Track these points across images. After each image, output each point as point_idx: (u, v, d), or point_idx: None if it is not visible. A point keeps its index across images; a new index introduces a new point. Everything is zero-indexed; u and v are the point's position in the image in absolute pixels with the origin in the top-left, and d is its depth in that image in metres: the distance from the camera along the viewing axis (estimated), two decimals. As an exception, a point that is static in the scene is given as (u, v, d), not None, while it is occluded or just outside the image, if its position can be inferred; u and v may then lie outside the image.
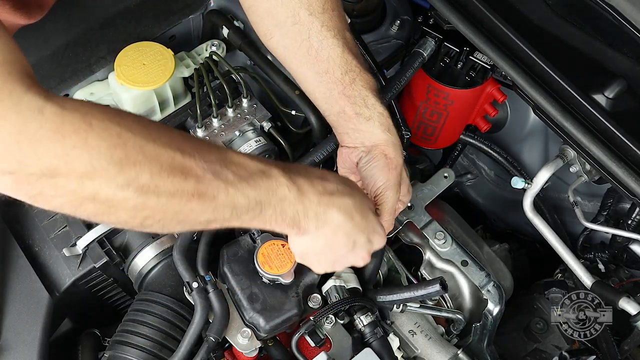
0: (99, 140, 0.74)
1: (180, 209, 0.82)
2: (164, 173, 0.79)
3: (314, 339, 1.14)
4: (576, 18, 1.26)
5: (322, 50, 1.14)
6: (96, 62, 1.42)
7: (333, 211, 0.97)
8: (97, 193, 0.76)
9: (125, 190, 0.77)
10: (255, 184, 0.88)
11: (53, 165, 0.72)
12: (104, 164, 0.75)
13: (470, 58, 1.50)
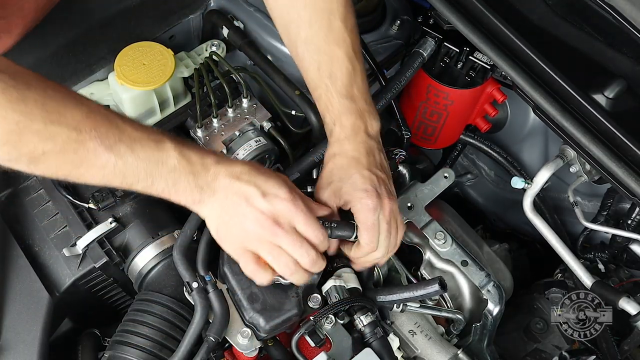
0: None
1: (70, 172, 0.97)
2: (57, 148, 0.93)
3: (314, 339, 1.14)
4: (576, 18, 1.26)
5: (304, 61, 1.20)
6: (96, 62, 1.42)
7: (221, 177, 1.02)
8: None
9: (18, 160, 0.94)
10: (145, 156, 0.98)
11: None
12: (0, 144, 0.90)
13: (470, 58, 1.50)
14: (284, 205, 1.02)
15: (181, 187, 1.01)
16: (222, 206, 1.03)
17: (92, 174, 0.97)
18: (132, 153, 0.97)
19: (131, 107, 1.39)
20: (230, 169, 1.03)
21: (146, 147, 0.98)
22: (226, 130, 1.36)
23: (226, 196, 1.02)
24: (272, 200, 1.02)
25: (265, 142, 1.36)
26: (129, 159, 0.97)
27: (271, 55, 1.54)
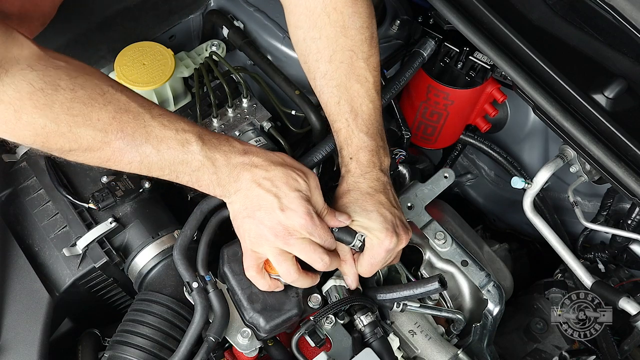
0: (24, 131, 0.94)
1: (98, 163, 1.02)
2: (83, 147, 0.98)
3: (314, 339, 1.14)
4: (576, 18, 1.26)
5: (323, 94, 1.22)
6: (96, 62, 1.42)
7: (242, 179, 1.05)
8: (25, 145, 1.08)
9: (48, 152, 1.00)
10: (170, 157, 1.02)
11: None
12: (29, 143, 0.97)
13: (470, 58, 1.50)
14: (300, 222, 1.05)
15: (204, 183, 1.06)
16: (243, 204, 1.07)
17: (119, 167, 1.03)
18: (157, 153, 1.01)
19: (131, 107, 1.39)
20: (254, 173, 1.05)
21: (172, 148, 1.02)
22: (226, 130, 1.36)
23: (247, 197, 1.06)
24: (290, 215, 1.04)
25: (265, 142, 1.36)
26: (154, 159, 1.01)
27: (271, 55, 1.54)
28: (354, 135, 1.18)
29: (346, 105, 1.19)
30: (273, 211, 1.04)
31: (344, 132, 1.19)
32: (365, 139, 1.18)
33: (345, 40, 1.20)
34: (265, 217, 1.05)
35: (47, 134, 0.95)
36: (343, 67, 1.19)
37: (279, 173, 1.06)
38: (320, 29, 1.19)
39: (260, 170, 1.05)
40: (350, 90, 1.19)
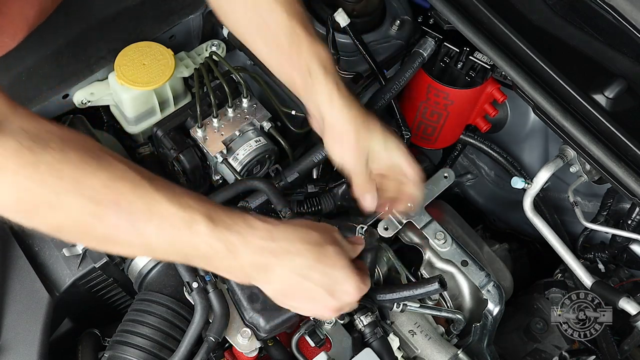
0: (7, 195, 0.82)
1: (94, 246, 0.90)
2: (70, 221, 0.84)
3: (314, 339, 1.14)
4: (576, 18, 1.26)
5: (270, 20, 1.11)
6: (96, 62, 1.42)
7: (278, 271, 0.93)
8: (9, 219, 0.85)
9: (37, 227, 0.85)
10: (175, 240, 0.88)
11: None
12: (12, 211, 0.84)
13: (470, 58, 1.50)
14: (351, 297, 0.99)
15: (221, 269, 0.94)
16: (279, 291, 0.98)
17: (118, 251, 0.90)
18: (160, 233, 0.86)
19: (131, 107, 1.39)
20: (288, 264, 0.93)
21: (177, 228, 0.87)
22: (226, 130, 1.36)
23: (285, 285, 0.96)
24: (341, 297, 0.97)
25: (265, 142, 1.37)
26: (156, 240, 0.87)
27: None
28: (318, 46, 1.10)
29: (298, 22, 1.11)
30: (323, 301, 0.97)
31: (306, 47, 1.10)
32: (327, 49, 1.11)
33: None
34: (315, 308, 1.00)
35: (31, 200, 0.81)
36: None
37: (313, 254, 0.94)
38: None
39: (292, 256, 0.93)
40: (297, 10, 1.12)
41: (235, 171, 1.33)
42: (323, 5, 1.51)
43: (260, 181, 1.24)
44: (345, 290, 0.97)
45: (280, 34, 1.10)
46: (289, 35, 1.10)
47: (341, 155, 1.12)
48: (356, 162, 1.11)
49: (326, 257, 0.95)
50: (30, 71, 1.37)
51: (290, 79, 1.14)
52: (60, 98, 1.38)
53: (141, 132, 1.45)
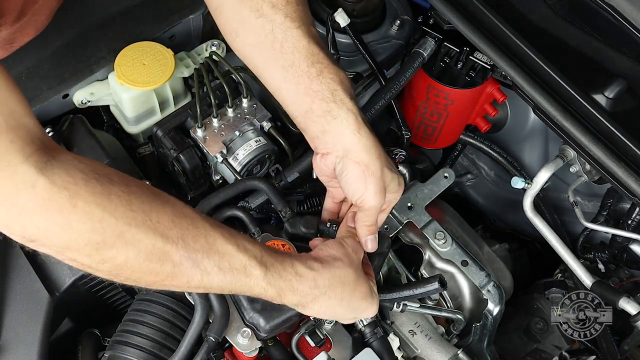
0: (79, 223, 0.79)
1: (153, 283, 0.89)
2: (141, 258, 0.84)
3: (314, 339, 1.14)
4: (576, 18, 1.26)
5: (286, 42, 1.07)
6: (96, 62, 1.42)
7: (314, 308, 1.03)
8: (74, 260, 0.84)
9: (100, 265, 0.84)
10: (232, 280, 0.93)
11: (35, 235, 0.80)
12: (82, 244, 0.80)
13: (470, 58, 1.50)
14: (371, 315, 1.13)
15: (275, 301, 1.01)
16: (312, 313, 1.06)
17: (175, 287, 0.90)
18: (219, 272, 0.90)
19: (131, 107, 1.39)
20: (326, 305, 1.03)
21: (234, 268, 0.92)
22: (226, 130, 1.36)
23: (319, 314, 1.07)
24: (362, 317, 1.15)
25: (265, 142, 1.36)
26: (215, 278, 0.91)
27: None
28: (338, 69, 1.08)
29: (316, 44, 1.08)
30: (351, 320, 1.14)
31: (327, 71, 1.07)
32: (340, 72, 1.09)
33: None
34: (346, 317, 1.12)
35: (104, 231, 0.80)
36: (300, 7, 1.10)
37: (346, 295, 1.04)
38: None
39: (330, 299, 1.02)
40: (312, 30, 1.10)
41: (235, 171, 1.33)
42: (323, 5, 1.51)
43: (260, 181, 1.24)
44: (368, 314, 1.12)
45: (298, 55, 1.06)
46: (307, 56, 1.06)
47: (362, 192, 1.07)
48: (377, 200, 1.07)
49: (354, 294, 1.06)
50: (30, 71, 1.37)
51: (306, 104, 1.07)
52: (60, 98, 1.38)
53: (141, 132, 1.45)
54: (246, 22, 1.09)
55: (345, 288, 1.04)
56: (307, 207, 1.32)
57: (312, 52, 1.06)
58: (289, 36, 1.06)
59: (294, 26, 1.07)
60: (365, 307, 1.09)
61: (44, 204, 0.77)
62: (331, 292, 1.02)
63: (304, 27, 1.08)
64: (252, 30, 1.09)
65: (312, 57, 1.06)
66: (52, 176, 0.77)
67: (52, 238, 0.80)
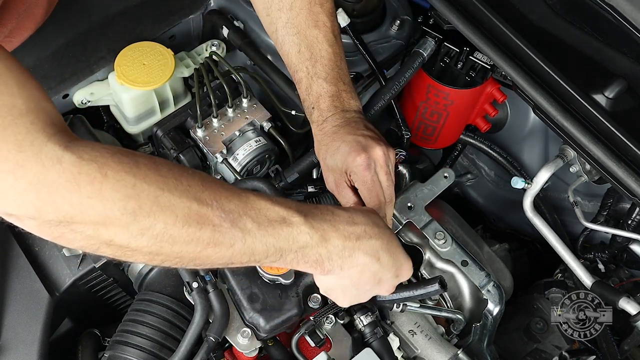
0: (113, 192, 0.77)
1: (196, 255, 0.85)
2: (179, 223, 0.81)
3: (314, 339, 1.14)
4: (576, 18, 1.26)
5: (284, 45, 1.20)
6: (96, 62, 1.42)
7: (359, 254, 0.97)
8: (112, 239, 0.80)
9: (139, 238, 0.80)
10: (274, 232, 0.89)
11: (69, 214, 0.76)
12: (118, 214, 0.77)
13: (470, 58, 1.50)
14: (409, 274, 1.08)
15: (311, 260, 0.95)
16: (353, 280, 1.01)
17: (220, 255, 0.86)
18: (259, 228, 0.87)
19: (131, 107, 1.39)
20: (369, 245, 0.98)
21: (273, 221, 0.89)
22: (226, 130, 1.36)
23: (361, 273, 1.00)
24: (401, 275, 1.06)
25: (265, 142, 1.36)
26: (257, 235, 0.87)
27: (271, 55, 1.54)
28: (314, 82, 1.17)
29: (306, 52, 1.17)
30: (387, 280, 1.04)
31: (304, 82, 1.18)
32: (324, 85, 1.17)
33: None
34: (375, 287, 1.05)
35: (138, 196, 0.78)
36: (302, 14, 1.18)
37: (385, 237, 1.01)
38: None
39: (371, 239, 0.98)
40: (309, 37, 1.18)
41: (235, 171, 1.33)
42: (323, 5, 1.51)
43: (260, 181, 1.24)
44: (406, 269, 1.06)
45: (289, 61, 1.21)
46: (294, 65, 1.20)
47: (342, 160, 1.14)
48: (358, 160, 1.12)
49: (392, 240, 1.03)
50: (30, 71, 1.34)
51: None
52: (60, 98, 1.38)
53: (141, 132, 1.45)
54: (260, 15, 1.25)
55: (381, 230, 1.00)
56: (307, 207, 1.32)
57: (299, 60, 1.18)
58: (286, 41, 1.19)
59: (291, 32, 1.18)
60: (404, 260, 1.04)
61: (74, 178, 0.75)
62: (370, 230, 0.98)
63: (301, 34, 1.17)
64: (265, 23, 1.25)
65: (297, 65, 1.18)
66: (78, 150, 0.76)
67: (87, 212, 0.77)
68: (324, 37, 1.18)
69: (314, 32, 1.18)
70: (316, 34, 1.18)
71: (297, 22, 1.18)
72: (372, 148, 1.12)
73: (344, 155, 1.12)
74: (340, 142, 1.13)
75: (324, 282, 1.04)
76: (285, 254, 0.92)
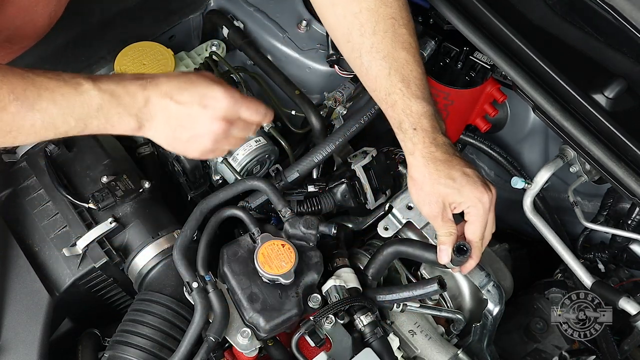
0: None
1: (3, 140, 0.97)
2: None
3: (314, 339, 1.14)
4: (576, 18, 1.26)
5: (370, 70, 1.17)
6: (96, 62, 1.42)
7: (152, 99, 1.00)
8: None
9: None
10: (69, 104, 0.97)
11: None
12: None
13: (470, 58, 1.50)
14: (222, 102, 1.02)
15: (115, 120, 1.00)
16: (168, 126, 1.03)
17: (25, 135, 0.98)
18: (55, 104, 0.96)
19: (131, 107, 1.39)
20: (157, 90, 1.00)
21: (66, 94, 0.97)
22: (226, 130, 1.35)
23: (168, 117, 1.02)
24: (209, 103, 1.02)
25: (265, 142, 1.36)
26: (54, 111, 0.96)
27: (271, 55, 1.54)
28: (412, 103, 1.15)
29: (397, 75, 1.16)
30: (199, 117, 1.02)
31: (400, 103, 1.15)
32: (424, 104, 1.15)
33: (385, 8, 1.17)
34: (198, 128, 1.03)
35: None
36: (388, 37, 1.17)
37: (179, 79, 1.02)
38: (359, 1, 1.17)
39: (163, 84, 1.01)
40: (398, 59, 1.17)
41: (235, 171, 1.33)
42: (323, 5, 1.51)
43: (260, 181, 1.24)
44: (212, 95, 1.02)
45: (379, 85, 1.17)
46: (385, 88, 1.16)
47: (419, 205, 1.18)
48: (425, 210, 1.16)
49: (190, 80, 1.03)
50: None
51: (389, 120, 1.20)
52: (60, 98, 1.38)
53: (141, 132, 1.45)
54: (340, 43, 1.23)
55: (178, 76, 1.02)
56: (307, 207, 1.32)
57: (391, 83, 1.16)
58: (373, 65, 1.17)
59: (378, 57, 1.17)
60: (206, 87, 1.02)
61: None
62: (157, 78, 1.01)
63: (389, 57, 1.16)
64: (345, 51, 1.23)
65: (389, 88, 1.16)
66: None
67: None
68: (413, 58, 1.17)
69: (403, 54, 1.17)
70: (405, 56, 1.17)
71: (383, 46, 1.17)
72: (492, 187, 1.15)
73: (468, 188, 1.12)
74: (460, 172, 1.12)
75: (152, 137, 1.05)
76: (88, 121, 0.99)
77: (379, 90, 1.18)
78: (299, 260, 1.13)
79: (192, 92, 1.01)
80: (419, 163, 1.14)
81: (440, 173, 1.12)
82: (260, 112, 1.06)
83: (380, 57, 1.16)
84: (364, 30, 1.17)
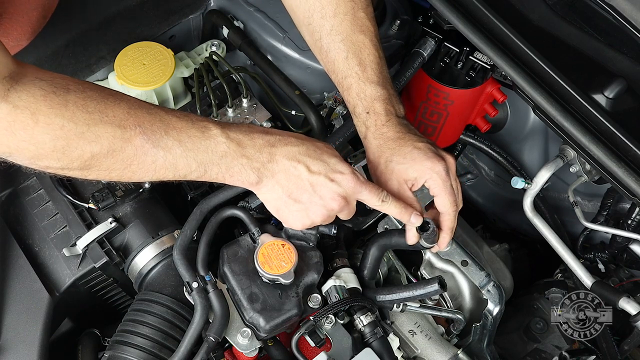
0: (43, 135, 0.89)
1: (122, 173, 0.97)
2: (104, 150, 0.94)
3: (314, 339, 1.14)
4: (576, 18, 1.26)
5: (329, 52, 1.19)
6: (96, 62, 1.42)
7: (278, 159, 1.02)
8: (48, 167, 0.95)
9: (70, 166, 0.94)
10: (194, 147, 0.98)
11: (7, 152, 0.92)
12: (49, 151, 0.91)
13: (470, 58, 1.50)
14: (349, 182, 1.05)
15: (235, 171, 1.01)
16: (285, 188, 1.04)
17: (144, 171, 0.97)
18: (180, 145, 0.97)
19: (131, 107, 1.39)
20: (287, 150, 1.02)
21: (193, 136, 0.98)
22: (226, 130, 1.35)
23: (288, 179, 1.03)
24: (337, 179, 1.04)
25: (265, 142, 1.36)
26: (178, 151, 0.97)
27: (271, 55, 1.54)
28: (366, 87, 1.16)
29: (354, 58, 1.17)
30: (322, 186, 1.03)
31: (355, 87, 1.17)
32: (378, 89, 1.16)
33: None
34: (315, 198, 1.04)
35: (66, 136, 0.90)
36: (347, 20, 1.18)
37: (307, 145, 1.04)
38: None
39: (292, 145, 1.03)
40: (356, 43, 1.18)
41: (235, 171, 1.33)
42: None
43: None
44: (340, 170, 1.04)
45: (336, 68, 1.19)
46: (342, 71, 1.18)
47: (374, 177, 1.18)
48: (389, 185, 1.15)
49: (317, 147, 1.05)
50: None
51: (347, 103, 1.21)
52: (60, 98, 1.38)
53: (141, 132, 1.45)
54: (301, 25, 1.24)
55: (301, 140, 1.04)
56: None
57: (348, 66, 1.17)
58: (332, 47, 1.18)
59: (337, 39, 1.18)
60: (336, 164, 1.04)
61: (10, 126, 0.87)
62: (286, 138, 1.03)
63: (347, 40, 1.17)
64: (306, 33, 1.23)
65: (346, 71, 1.17)
66: (15, 100, 0.87)
67: (23, 152, 0.91)
68: (370, 42, 1.19)
69: (360, 37, 1.18)
70: (362, 39, 1.18)
71: (342, 28, 1.18)
72: (446, 156, 1.14)
73: (419, 161, 1.12)
74: (410, 147, 1.12)
75: (264, 197, 1.07)
76: (209, 167, 1.00)
77: (337, 73, 1.19)
78: (299, 260, 1.13)
79: (323, 162, 1.03)
80: (371, 144, 1.16)
81: (391, 151, 1.13)
82: (379, 197, 1.07)
83: (339, 39, 1.18)
84: (325, 13, 1.18)
